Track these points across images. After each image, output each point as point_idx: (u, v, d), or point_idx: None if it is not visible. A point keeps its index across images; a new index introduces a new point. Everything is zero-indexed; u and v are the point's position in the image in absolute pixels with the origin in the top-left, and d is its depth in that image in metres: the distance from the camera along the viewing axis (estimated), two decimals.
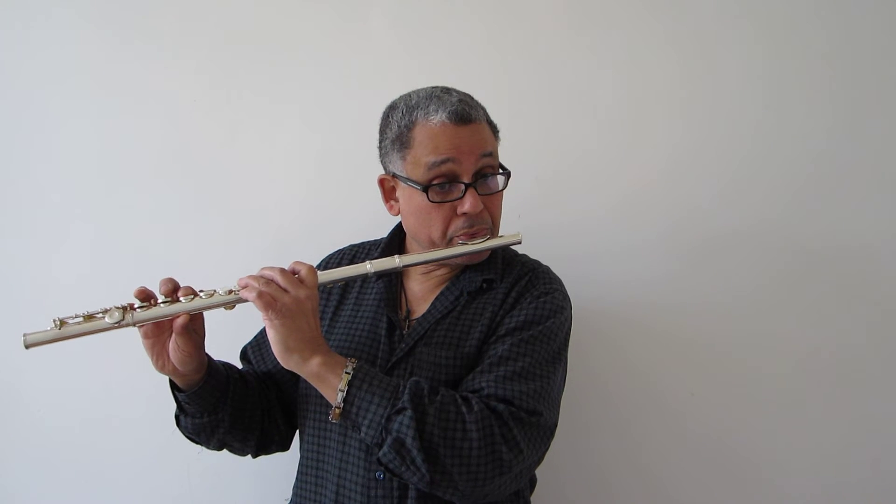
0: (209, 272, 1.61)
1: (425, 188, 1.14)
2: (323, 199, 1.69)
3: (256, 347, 1.33)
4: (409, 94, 1.21)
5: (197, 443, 1.24)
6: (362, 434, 1.03)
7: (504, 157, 1.23)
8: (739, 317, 1.64)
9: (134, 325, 1.04)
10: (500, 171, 1.21)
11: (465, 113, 1.13)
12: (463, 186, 1.15)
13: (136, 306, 1.05)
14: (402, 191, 1.20)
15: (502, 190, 1.21)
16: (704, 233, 1.65)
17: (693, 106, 1.66)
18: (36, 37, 1.67)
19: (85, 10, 1.67)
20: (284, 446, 1.34)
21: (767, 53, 1.65)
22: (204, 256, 1.67)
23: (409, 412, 1.00)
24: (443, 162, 1.13)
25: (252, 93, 1.69)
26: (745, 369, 1.64)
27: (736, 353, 1.64)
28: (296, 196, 1.69)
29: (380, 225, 1.38)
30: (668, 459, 1.65)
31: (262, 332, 1.33)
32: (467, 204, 1.14)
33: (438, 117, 1.13)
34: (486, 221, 1.19)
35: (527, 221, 1.60)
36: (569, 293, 1.26)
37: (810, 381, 1.63)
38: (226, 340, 1.27)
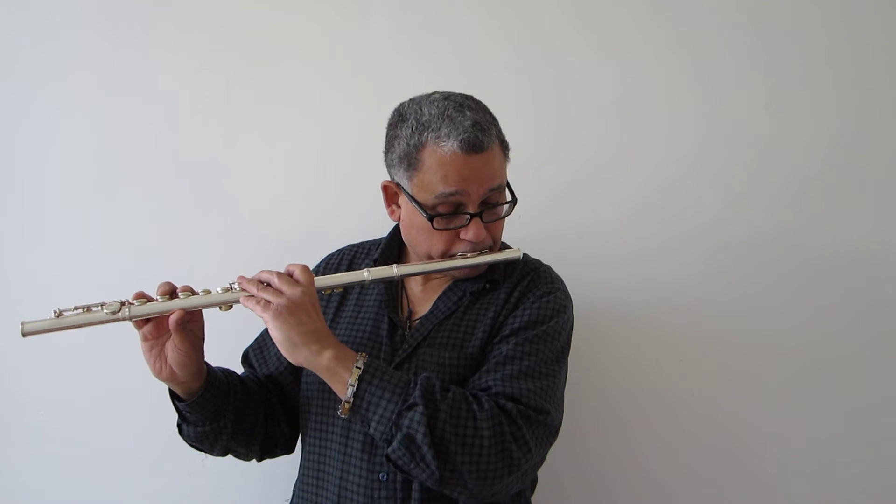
0: (209, 272, 1.62)
1: (430, 217, 1.13)
2: (323, 199, 1.69)
3: (258, 350, 1.33)
4: (419, 106, 1.14)
5: (200, 450, 1.23)
6: (371, 429, 1.02)
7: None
8: (741, 317, 1.64)
9: (130, 318, 1.05)
10: (509, 197, 1.19)
11: (478, 141, 1.09)
12: (468, 216, 1.14)
13: (132, 301, 1.06)
14: (406, 204, 1.18)
15: (506, 216, 1.21)
16: (705, 234, 1.65)
17: (699, 112, 1.65)
18: (36, 36, 1.66)
19: (85, 10, 1.66)
20: (289, 449, 1.34)
21: (770, 56, 1.64)
22: (204, 256, 1.66)
23: (420, 408, 0.99)
24: (451, 194, 1.11)
25: (253, 93, 1.68)
26: (746, 370, 1.64)
27: (737, 353, 1.64)
28: (296, 196, 1.69)
29: (380, 225, 1.38)
30: (669, 460, 1.65)
31: (263, 335, 1.33)
32: (471, 233, 1.14)
33: (450, 145, 1.09)
34: (488, 244, 1.18)
35: (529, 223, 1.59)
36: (571, 294, 1.26)
37: (811, 382, 1.63)
38: (225, 346, 1.27)
